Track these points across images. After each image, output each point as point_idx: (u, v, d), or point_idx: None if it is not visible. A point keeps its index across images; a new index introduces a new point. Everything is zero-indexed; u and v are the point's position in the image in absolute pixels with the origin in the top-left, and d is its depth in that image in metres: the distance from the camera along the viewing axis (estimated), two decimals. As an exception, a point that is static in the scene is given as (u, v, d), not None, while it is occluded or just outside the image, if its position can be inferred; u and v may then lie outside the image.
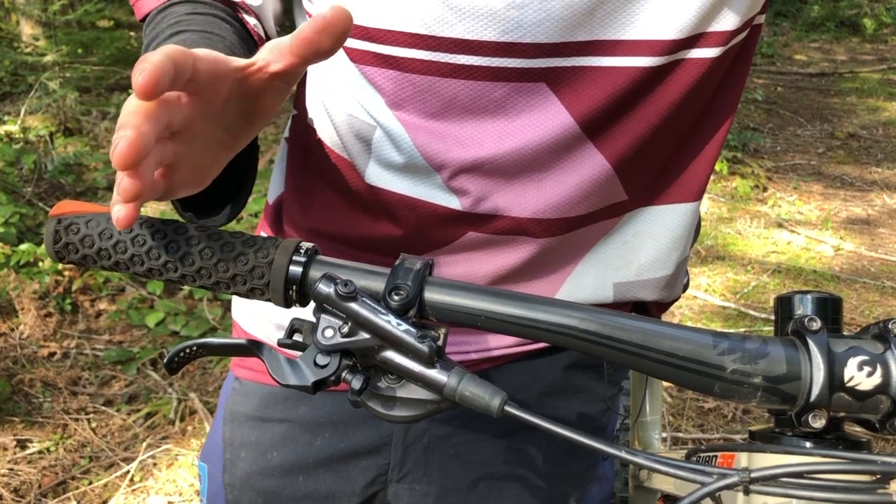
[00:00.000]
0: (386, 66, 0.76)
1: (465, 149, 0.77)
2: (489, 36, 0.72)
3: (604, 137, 0.79)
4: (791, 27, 8.29)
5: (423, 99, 0.76)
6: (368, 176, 0.82)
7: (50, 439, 2.57)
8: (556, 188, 0.80)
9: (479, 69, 0.74)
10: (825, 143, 5.33)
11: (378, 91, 0.78)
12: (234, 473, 0.95)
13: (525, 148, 0.77)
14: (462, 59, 0.73)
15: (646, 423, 1.44)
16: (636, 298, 0.90)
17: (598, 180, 0.80)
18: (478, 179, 0.79)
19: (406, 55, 0.74)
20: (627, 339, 0.54)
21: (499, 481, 0.92)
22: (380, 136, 0.80)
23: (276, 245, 0.56)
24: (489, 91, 0.75)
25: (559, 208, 0.80)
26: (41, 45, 5.33)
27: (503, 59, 0.73)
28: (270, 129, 5.34)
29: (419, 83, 0.76)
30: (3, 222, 3.44)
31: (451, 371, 0.53)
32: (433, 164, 0.79)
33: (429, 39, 0.73)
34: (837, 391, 0.52)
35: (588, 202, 0.81)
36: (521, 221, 0.81)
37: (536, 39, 0.72)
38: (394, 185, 0.81)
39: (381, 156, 0.81)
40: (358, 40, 0.76)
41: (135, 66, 0.46)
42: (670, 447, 2.42)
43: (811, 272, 3.58)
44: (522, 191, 0.79)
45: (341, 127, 0.82)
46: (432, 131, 0.78)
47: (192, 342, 0.57)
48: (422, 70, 0.75)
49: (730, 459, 0.64)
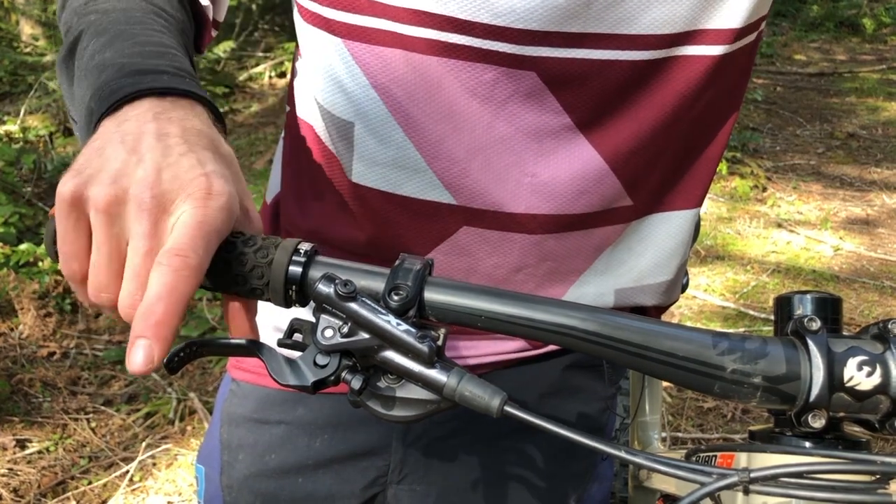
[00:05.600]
0: (374, 41, 0.75)
1: (455, 135, 0.77)
2: (481, 17, 0.72)
3: (597, 131, 0.78)
4: (790, 27, 8.29)
5: (411, 79, 0.76)
6: (354, 175, 0.82)
7: (49, 439, 2.57)
8: (549, 182, 0.79)
9: (469, 49, 0.73)
10: (825, 143, 5.33)
11: (364, 72, 0.77)
12: (231, 475, 0.95)
13: (515, 136, 0.77)
14: (453, 37, 0.73)
15: (645, 423, 1.44)
16: (636, 304, 0.89)
17: (590, 175, 0.79)
18: (470, 171, 0.79)
19: (397, 30, 0.74)
20: (628, 339, 0.54)
21: (499, 482, 0.92)
22: (361, 131, 0.79)
23: (275, 245, 0.56)
24: (479, 73, 0.74)
25: (553, 203, 0.80)
26: (41, 45, 5.33)
27: (494, 42, 0.73)
28: (270, 129, 5.34)
29: (408, 61, 0.75)
30: (3, 222, 3.44)
31: (450, 371, 0.53)
32: (424, 153, 0.78)
33: (422, 15, 0.72)
34: (837, 391, 0.52)
35: (585, 200, 0.81)
36: (515, 217, 0.80)
37: (528, 26, 0.72)
38: (381, 183, 0.81)
39: (366, 153, 0.80)
40: (345, 12, 0.75)
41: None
42: (670, 447, 2.42)
43: (810, 272, 3.58)
44: (516, 185, 0.79)
45: (326, 123, 0.81)
46: (420, 115, 0.77)
47: (192, 342, 0.57)
48: (412, 46, 0.74)
49: (729, 459, 0.64)
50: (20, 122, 4.83)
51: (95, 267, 0.53)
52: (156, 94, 0.59)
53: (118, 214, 0.52)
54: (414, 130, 0.77)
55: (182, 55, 0.66)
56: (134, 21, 0.68)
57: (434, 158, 0.78)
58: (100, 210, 0.52)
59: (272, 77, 6.23)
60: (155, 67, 0.61)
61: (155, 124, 0.56)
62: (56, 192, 0.53)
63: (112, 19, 0.69)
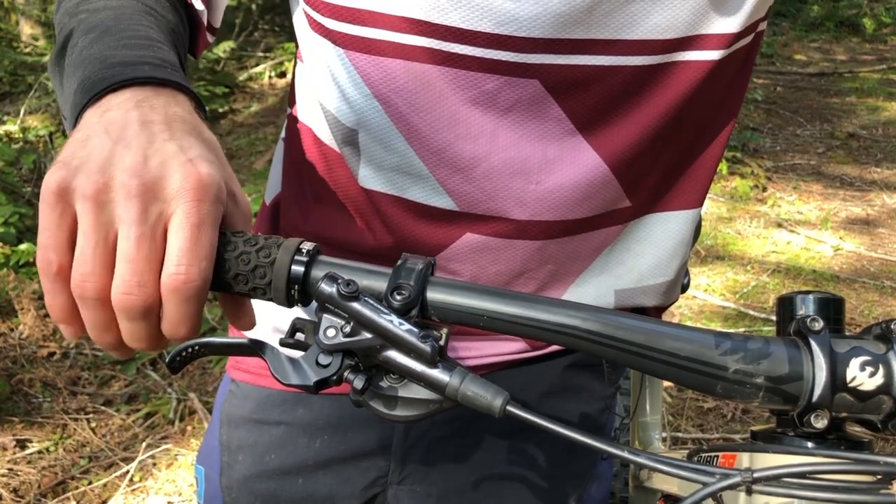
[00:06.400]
0: (376, 52, 0.75)
1: (458, 143, 0.77)
2: (484, 27, 0.71)
3: (599, 136, 0.78)
4: (791, 27, 8.28)
5: (412, 89, 0.75)
6: (361, 178, 0.82)
7: (49, 439, 2.56)
8: (554, 189, 0.79)
9: (471, 59, 0.73)
10: (825, 143, 5.33)
11: (366, 82, 0.77)
12: (231, 476, 0.95)
13: (519, 144, 0.77)
14: (455, 47, 0.73)
15: (646, 423, 1.44)
16: (636, 304, 0.89)
17: (595, 181, 0.79)
18: (473, 179, 0.78)
19: (398, 40, 0.74)
20: (630, 339, 0.54)
21: (500, 482, 0.92)
22: (365, 138, 0.79)
23: (277, 244, 0.56)
24: (481, 83, 0.74)
25: (557, 210, 0.80)
26: (41, 45, 5.33)
27: (496, 52, 0.73)
28: (270, 130, 5.34)
29: (410, 71, 0.75)
30: (3, 222, 3.44)
31: (453, 371, 0.53)
32: (426, 161, 0.78)
33: (423, 25, 0.72)
34: (839, 391, 0.52)
35: (587, 205, 0.81)
36: (520, 224, 0.80)
37: (531, 34, 0.72)
38: (388, 186, 0.81)
39: (372, 158, 0.80)
40: (347, 24, 0.75)
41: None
42: (670, 447, 2.42)
43: (811, 272, 3.58)
44: (520, 192, 0.79)
45: (331, 128, 0.81)
46: (421, 124, 0.77)
47: (194, 342, 0.57)
48: (413, 56, 0.74)
49: (732, 460, 0.64)
50: (20, 122, 4.83)
51: (82, 255, 0.52)
52: (138, 84, 0.59)
53: (106, 202, 0.52)
54: (416, 139, 0.77)
55: (167, 48, 0.67)
56: (122, 17, 0.69)
57: (436, 166, 0.78)
58: (87, 198, 0.52)
59: (272, 77, 6.22)
60: (138, 59, 0.62)
61: (137, 112, 0.56)
62: (43, 183, 0.53)
63: (101, 17, 0.69)
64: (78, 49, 0.66)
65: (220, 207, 0.54)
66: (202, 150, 0.55)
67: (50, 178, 0.52)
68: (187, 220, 0.52)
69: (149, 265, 0.52)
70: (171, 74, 0.61)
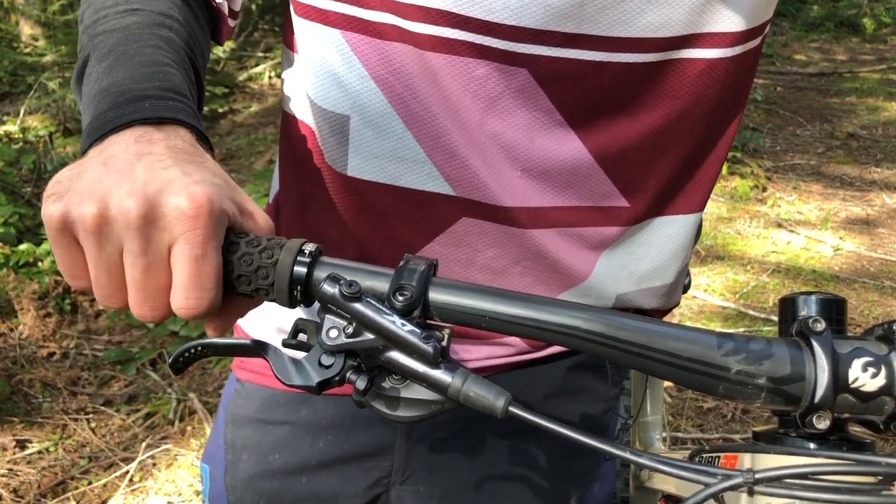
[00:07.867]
0: (374, 34, 0.76)
1: (454, 129, 0.77)
2: (475, 13, 0.72)
3: (589, 129, 0.78)
4: (791, 27, 8.28)
5: (410, 72, 0.76)
6: (350, 168, 0.82)
7: (49, 439, 2.56)
8: (538, 175, 0.80)
9: (463, 44, 0.74)
10: (825, 143, 5.33)
11: (363, 63, 0.77)
12: (235, 475, 0.95)
13: (507, 132, 0.77)
14: (447, 31, 0.73)
15: (647, 423, 1.44)
16: (636, 306, 0.89)
17: (578, 168, 0.80)
18: (469, 164, 0.79)
19: (395, 23, 0.74)
20: (632, 339, 0.54)
21: (502, 482, 0.92)
22: (358, 123, 0.79)
23: (280, 245, 0.56)
24: (471, 68, 0.75)
25: (543, 195, 0.80)
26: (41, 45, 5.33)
27: (486, 38, 0.73)
28: (270, 130, 5.34)
29: (405, 54, 0.75)
30: (3, 222, 3.44)
31: (455, 371, 0.53)
32: (424, 145, 0.79)
33: (414, 9, 0.73)
34: (842, 392, 0.52)
35: (572, 192, 0.81)
36: (510, 210, 0.81)
37: (521, 23, 0.72)
38: (379, 175, 0.81)
39: (362, 146, 0.80)
40: (346, 4, 0.75)
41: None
42: (670, 447, 2.42)
43: (811, 272, 3.58)
44: (508, 179, 0.80)
45: (317, 119, 0.81)
46: (420, 108, 0.77)
47: (197, 342, 0.57)
48: (408, 39, 0.75)
49: (733, 460, 0.64)
50: (20, 123, 4.83)
51: (97, 282, 0.55)
52: (137, 123, 0.60)
53: (108, 232, 0.53)
54: (414, 122, 0.78)
55: (176, 70, 0.67)
56: (133, 39, 0.69)
57: (434, 150, 0.79)
58: (89, 232, 0.53)
59: (272, 77, 6.22)
60: (142, 93, 0.62)
61: (137, 146, 0.57)
62: (43, 217, 0.54)
63: (115, 41, 0.69)
64: (93, 79, 0.67)
65: (222, 228, 0.55)
66: (204, 174, 0.56)
67: (49, 211, 0.54)
68: (191, 252, 0.53)
69: (158, 290, 0.54)
70: (173, 109, 0.62)
